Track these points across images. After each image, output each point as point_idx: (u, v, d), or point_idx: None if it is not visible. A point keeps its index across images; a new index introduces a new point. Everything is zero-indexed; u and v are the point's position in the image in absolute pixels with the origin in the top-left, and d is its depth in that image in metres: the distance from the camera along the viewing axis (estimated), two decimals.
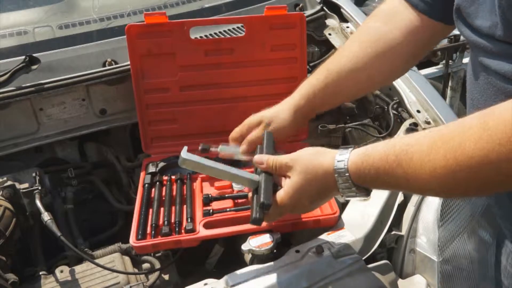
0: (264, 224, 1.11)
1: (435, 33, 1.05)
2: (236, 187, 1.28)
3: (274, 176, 0.98)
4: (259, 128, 1.16)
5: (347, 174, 0.85)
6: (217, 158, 1.17)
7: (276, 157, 0.98)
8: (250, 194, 1.03)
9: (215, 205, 1.21)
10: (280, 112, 1.16)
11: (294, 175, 0.92)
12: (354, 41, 1.12)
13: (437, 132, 0.76)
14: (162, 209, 1.21)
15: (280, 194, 0.94)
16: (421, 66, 2.79)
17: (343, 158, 0.86)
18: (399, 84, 1.53)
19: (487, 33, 0.75)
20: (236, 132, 1.20)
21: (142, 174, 1.36)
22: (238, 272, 1.01)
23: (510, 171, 0.66)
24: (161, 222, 1.17)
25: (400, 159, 0.77)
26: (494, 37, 0.73)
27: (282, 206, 0.94)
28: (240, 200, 1.23)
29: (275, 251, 1.07)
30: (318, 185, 0.91)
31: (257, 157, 1.01)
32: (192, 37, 1.45)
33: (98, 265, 1.13)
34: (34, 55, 1.39)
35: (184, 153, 1.02)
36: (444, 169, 0.71)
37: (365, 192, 0.89)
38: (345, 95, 1.17)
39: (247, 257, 1.10)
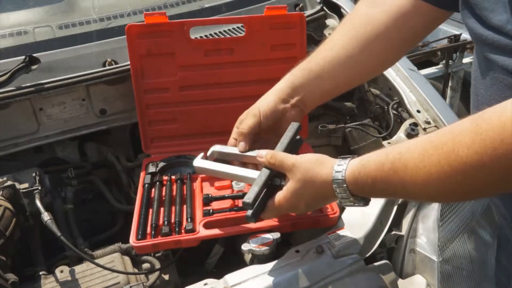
0: (264, 223, 1.12)
1: (428, 19, 1.01)
2: (236, 187, 1.28)
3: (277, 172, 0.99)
4: (249, 117, 1.08)
5: (344, 185, 0.86)
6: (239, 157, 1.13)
7: (278, 153, 0.98)
8: None
9: (215, 205, 1.21)
10: (265, 103, 1.10)
11: (293, 180, 0.94)
12: (343, 27, 1.09)
13: (427, 139, 0.77)
14: (162, 209, 1.21)
15: (279, 196, 0.96)
16: (421, 66, 2.80)
17: (341, 168, 0.87)
18: (399, 84, 1.53)
19: (498, 28, 0.74)
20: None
21: (142, 174, 1.36)
22: (238, 272, 1.01)
23: (505, 174, 0.67)
24: (161, 222, 1.16)
25: (396, 166, 0.78)
26: (506, 32, 0.72)
27: (279, 206, 0.97)
28: (240, 200, 1.23)
29: (275, 251, 1.07)
30: (316, 192, 0.92)
31: (259, 151, 1.01)
32: (192, 37, 1.45)
33: (98, 265, 1.13)
34: (34, 55, 1.39)
35: (196, 161, 1.12)
36: (439, 174, 0.72)
37: (363, 201, 0.90)
38: (335, 82, 1.09)
39: (247, 257, 1.10)
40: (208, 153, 1.15)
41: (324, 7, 1.81)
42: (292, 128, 1.07)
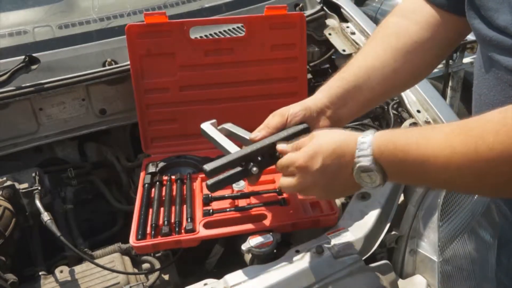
0: (264, 223, 1.12)
1: (459, 28, 0.99)
2: (236, 187, 1.27)
3: None
4: (276, 116, 1.04)
5: (369, 137, 0.82)
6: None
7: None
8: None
9: (215, 205, 1.21)
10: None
11: (315, 138, 0.89)
12: (375, 38, 1.07)
13: (454, 123, 0.76)
14: (162, 209, 1.21)
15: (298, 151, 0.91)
16: None
17: (369, 132, 0.84)
18: None
19: (503, 29, 0.73)
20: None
21: (142, 174, 1.36)
22: (238, 272, 1.01)
23: None
24: (161, 222, 1.16)
25: (420, 138, 0.76)
26: (510, 33, 0.72)
27: (292, 161, 0.91)
28: (240, 200, 1.23)
29: (275, 251, 1.07)
30: (336, 147, 0.86)
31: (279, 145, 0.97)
32: (192, 37, 1.45)
33: (98, 265, 1.13)
34: (33, 55, 1.39)
35: (204, 124, 1.13)
36: (463, 156, 0.70)
37: (380, 171, 0.81)
38: (370, 91, 1.05)
39: (247, 257, 1.10)
40: (219, 127, 1.15)
41: (324, 7, 1.80)
42: (300, 127, 1.02)
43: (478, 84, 0.87)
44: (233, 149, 1.04)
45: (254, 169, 0.97)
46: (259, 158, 0.99)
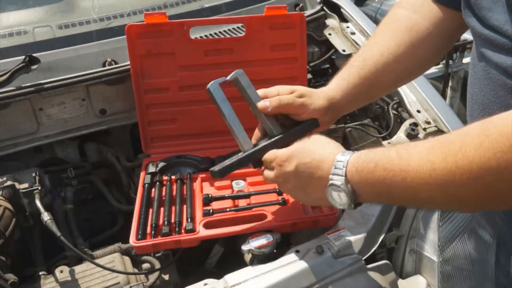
0: (264, 223, 1.12)
1: (461, 23, 0.99)
2: (236, 187, 1.28)
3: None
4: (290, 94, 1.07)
5: (344, 158, 0.84)
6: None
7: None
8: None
9: (215, 205, 1.21)
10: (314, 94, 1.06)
11: (304, 142, 0.95)
12: (387, 31, 1.07)
13: (434, 138, 0.76)
14: (162, 209, 1.21)
15: (282, 149, 0.97)
16: None
17: (349, 152, 0.86)
18: None
19: (496, 28, 0.74)
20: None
21: (142, 174, 1.36)
22: (238, 272, 1.01)
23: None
24: (161, 222, 1.16)
25: (401, 155, 0.76)
26: (503, 32, 0.73)
27: (274, 157, 0.97)
28: (240, 200, 1.23)
29: (275, 251, 1.07)
30: (313, 159, 0.89)
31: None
32: (192, 37, 1.45)
33: (98, 265, 1.13)
34: (34, 55, 1.39)
35: (212, 84, 1.12)
36: (444, 171, 0.70)
37: (349, 193, 0.83)
38: (381, 88, 1.09)
39: (247, 257, 1.09)
40: (231, 75, 1.14)
41: (324, 7, 1.81)
42: (311, 125, 1.05)
43: (471, 84, 0.88)
44: (237, 125, 1.08)
45: (263, 168, 1.03)
46: None
